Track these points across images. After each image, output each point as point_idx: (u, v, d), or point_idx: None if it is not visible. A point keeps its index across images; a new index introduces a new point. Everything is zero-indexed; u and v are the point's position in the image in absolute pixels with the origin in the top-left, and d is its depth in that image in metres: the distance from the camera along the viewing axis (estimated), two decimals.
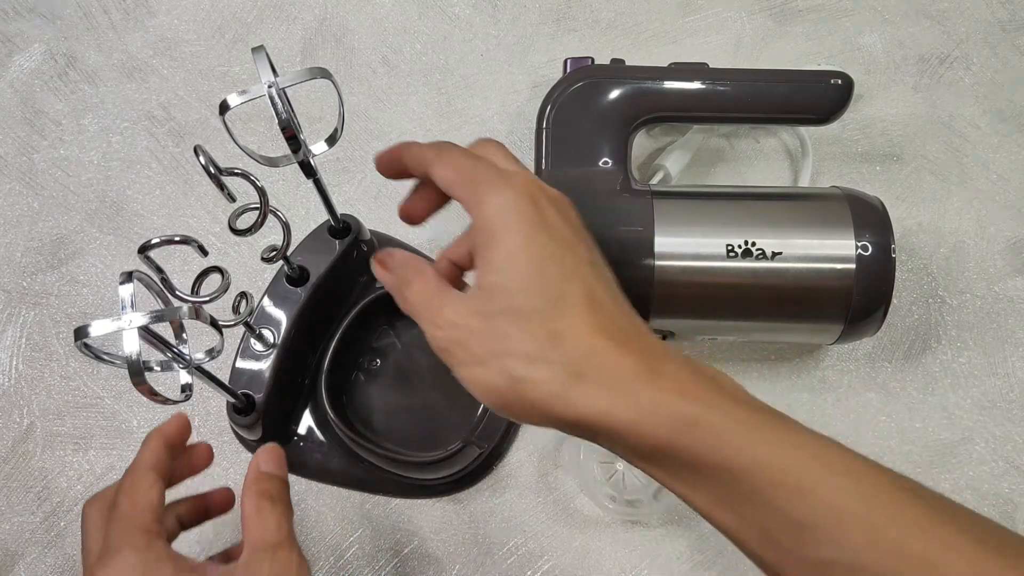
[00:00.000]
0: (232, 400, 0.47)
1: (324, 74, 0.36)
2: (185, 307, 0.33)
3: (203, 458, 0.42)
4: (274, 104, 0.34)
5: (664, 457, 0.31)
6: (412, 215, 0.40)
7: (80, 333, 0.31)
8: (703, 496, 0.32)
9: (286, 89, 0.36)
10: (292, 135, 0.35)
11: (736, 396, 0.32)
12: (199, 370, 0.40)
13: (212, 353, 0.39)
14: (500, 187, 0.34)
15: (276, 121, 0.35)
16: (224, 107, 0.34)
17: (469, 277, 0.38)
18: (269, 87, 0.34)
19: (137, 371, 0.32)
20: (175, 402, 0.36)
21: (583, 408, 0.31)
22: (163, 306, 0.36)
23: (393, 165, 0.38)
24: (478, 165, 0.35)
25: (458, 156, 0.36)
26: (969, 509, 0.30)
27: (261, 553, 0.36)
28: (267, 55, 0.35)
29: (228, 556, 0.41)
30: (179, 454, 0.40)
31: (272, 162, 0.38)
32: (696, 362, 0.33)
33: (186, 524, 0.40)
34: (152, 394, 0.33)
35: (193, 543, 0.51)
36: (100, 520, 0.37)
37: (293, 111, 0.38)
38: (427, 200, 0.39)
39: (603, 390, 0.31)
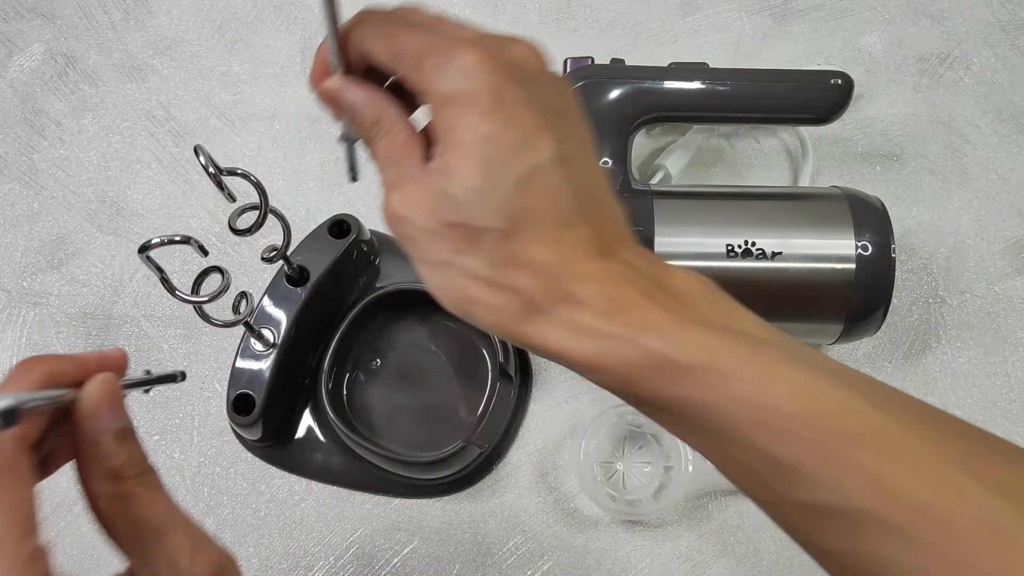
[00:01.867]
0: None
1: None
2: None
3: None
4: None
5: (628, 393, 0.29)
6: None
7: None
8: (680, 431, 0.29)
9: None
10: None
11: (712, 320, 0.29)
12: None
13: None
14: (445, 66, 0.28)
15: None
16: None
17: None
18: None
19: None
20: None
21: (538, 340, 0.29)
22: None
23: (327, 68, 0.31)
24: (419, 36, 0.29)
25: (396, 26, 0.29)
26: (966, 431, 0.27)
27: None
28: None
29: None
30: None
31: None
32: (666, 275, 0.30)
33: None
34: None
35: None
36: None
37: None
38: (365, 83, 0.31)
39: (560, 326, 0.28)
